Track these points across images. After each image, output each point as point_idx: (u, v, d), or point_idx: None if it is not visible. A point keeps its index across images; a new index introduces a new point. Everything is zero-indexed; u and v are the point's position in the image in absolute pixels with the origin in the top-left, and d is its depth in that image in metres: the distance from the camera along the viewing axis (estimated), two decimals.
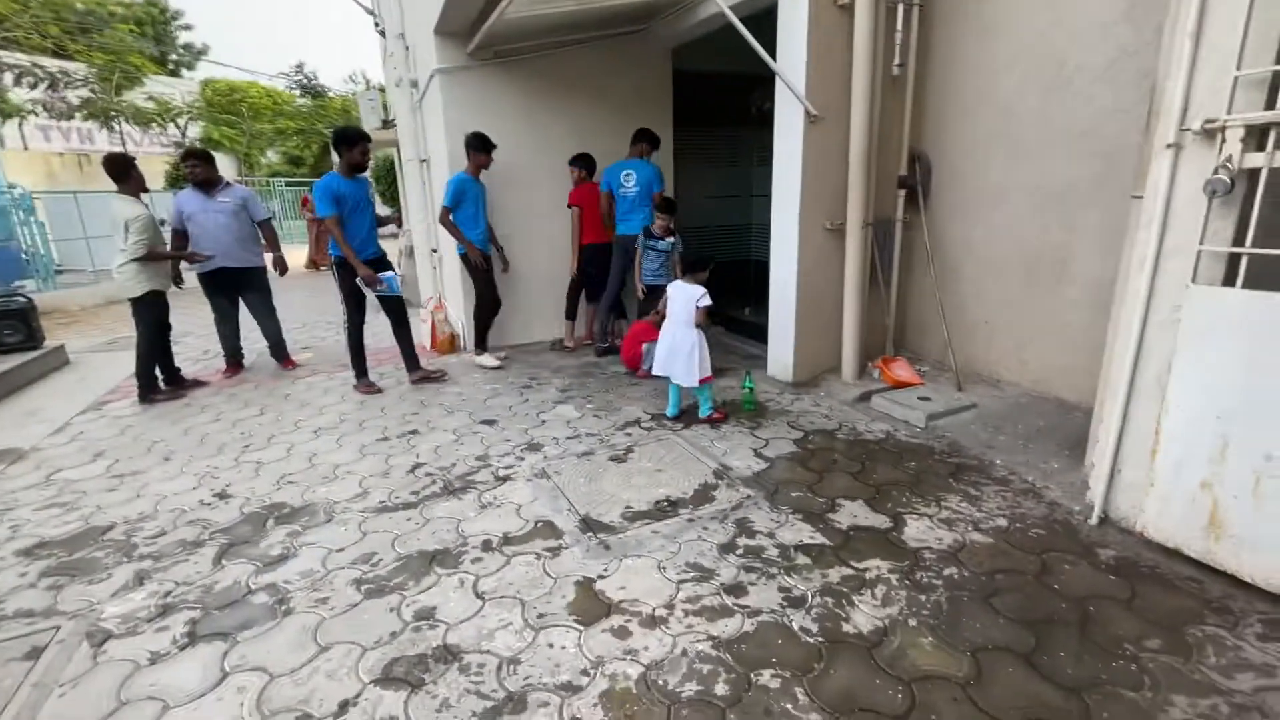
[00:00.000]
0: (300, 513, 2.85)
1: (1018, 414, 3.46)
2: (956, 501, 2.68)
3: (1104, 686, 1.69)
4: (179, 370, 4.87)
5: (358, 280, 4.32)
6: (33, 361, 5.42)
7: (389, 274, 4.38)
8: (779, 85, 3.79)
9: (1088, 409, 3.10)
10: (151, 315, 4.44)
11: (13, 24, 15.77)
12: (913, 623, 1.96)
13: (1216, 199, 1.98)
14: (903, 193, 4.15)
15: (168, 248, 4.64)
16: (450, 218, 4.76)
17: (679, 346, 3.56)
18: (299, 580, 2.33)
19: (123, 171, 4.31)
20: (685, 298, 3.57)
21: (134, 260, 4.28)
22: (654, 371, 3.67)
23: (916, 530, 2.47)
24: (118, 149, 18.88)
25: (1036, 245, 3.58)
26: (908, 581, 2.16)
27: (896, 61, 3.86)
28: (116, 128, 18.78)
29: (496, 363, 5.04)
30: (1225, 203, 1.99)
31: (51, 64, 17.16)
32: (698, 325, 3.55)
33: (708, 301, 3.53)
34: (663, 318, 3.76)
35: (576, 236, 5.30)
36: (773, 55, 3.75)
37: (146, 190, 4.54)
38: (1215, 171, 1.96)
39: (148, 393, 4.52)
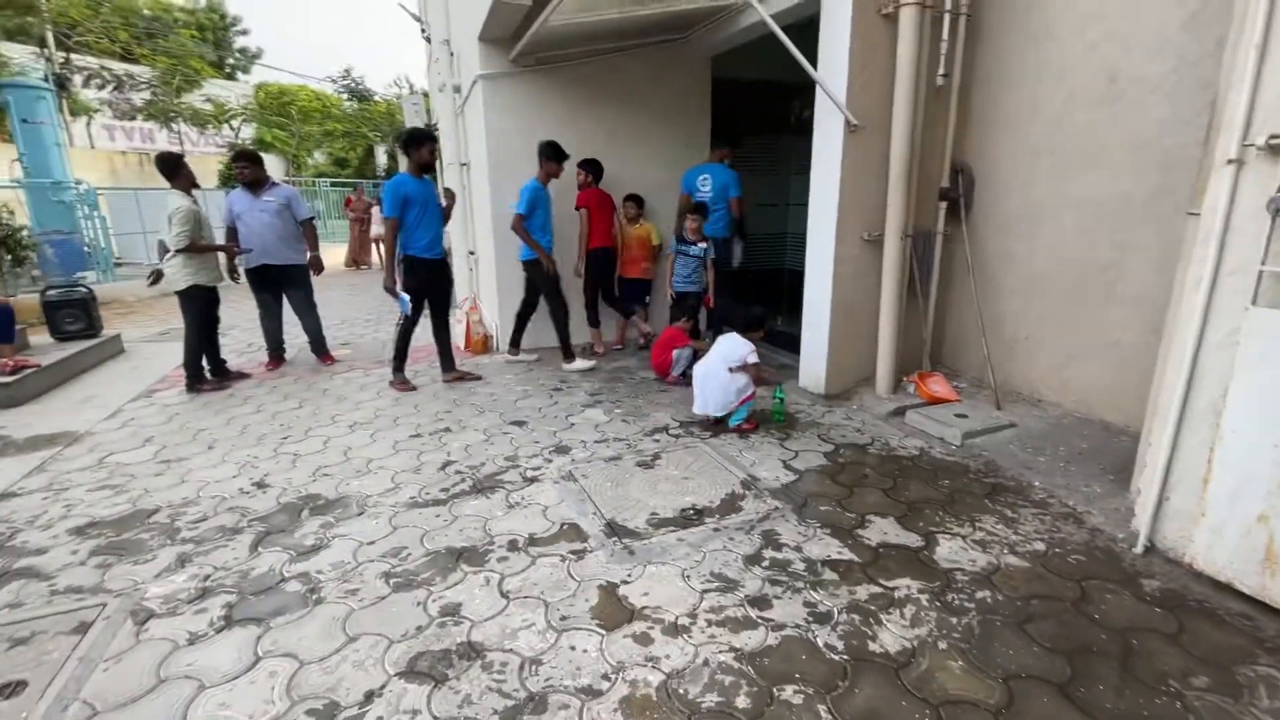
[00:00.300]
0: (334, 505, 2.92)
1: (1059, 435, 3.35)
2: (992, 523, 2.60)
3: None
4: (225, 362, 5.05)
5: (389, 287, 4.45)
6: (91, 349, 5.68)
7: (403, 297, 4.49)
8: (819, 94, 3.76)
9: (1134, 433, 2.99)
10: (195, 308, 4.62)
11: (85, 28, 16.65)
12: (943, 645, 1.91)
13: None
14: (944, 205, 4.07)
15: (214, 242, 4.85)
16: (524, 224, 4.78)
17: (716, 393, 3.58)
18: (330, 571, 2.39)
19: (172, 169, 4.54)
20: (731, 349, 3.59)
21: (179, 253, 4.48)
22: (695, 409, 3.69)
23: (949, 550, 2.41)
24: (175, 148, 19.79)
25: (1084, 261, 3.46)
26: (938, 603, 2.11)
27: (941, 71, 3.79)
28: (176, 128, 19.64)
29: (591, 364, 5.09)
30: None
31: (118, 67, 18.07)
32: (751, 379, 3.61)
33: (755, 359, 3.58)
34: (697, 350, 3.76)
35: (584, 239, 5.33)
36: (814, 64, 3.72)
37: (196, 186, 4.74)
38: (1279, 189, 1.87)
39: (195, 383, 4.71)
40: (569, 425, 3.84)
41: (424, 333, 4.86)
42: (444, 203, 4.70)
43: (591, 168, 5.24)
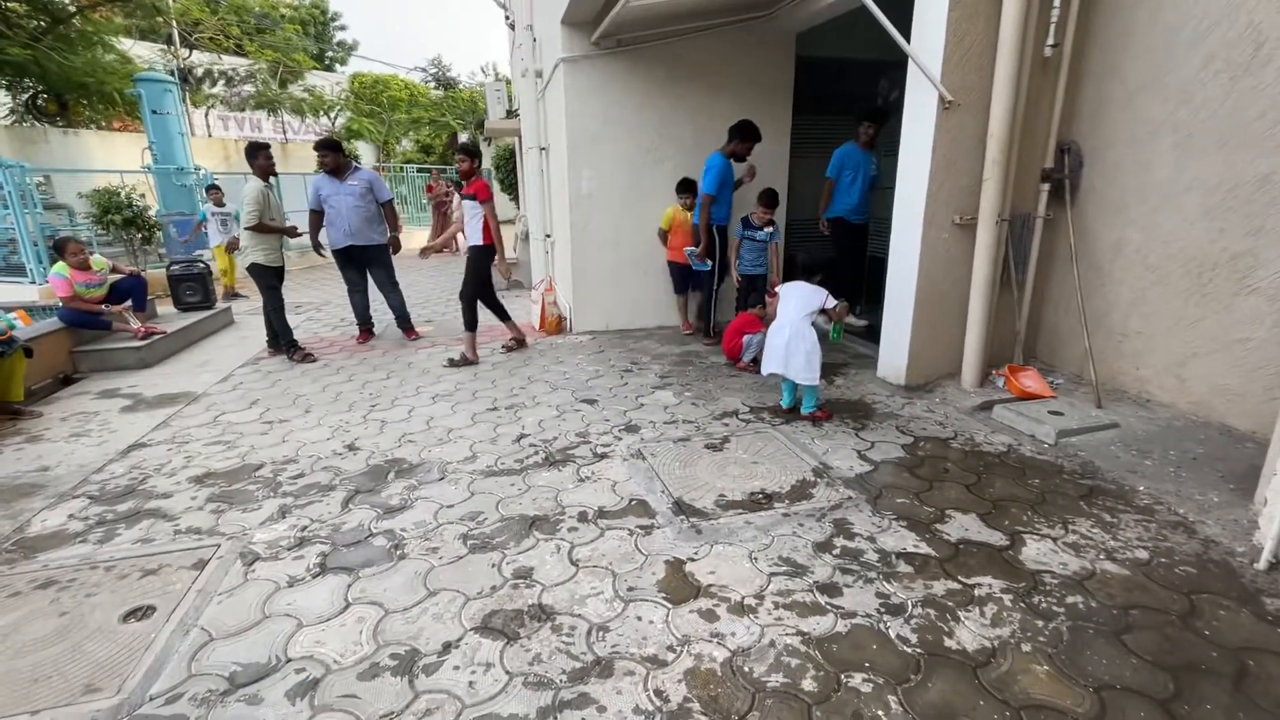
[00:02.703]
0: (417, 469, 3.09)
1: (1170, 438, 3.07)
2: (1087, 526, 2.42)
3: None
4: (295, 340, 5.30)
5: None
6: (207, 319, 6.25)
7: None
8: (911, 69, 3.56)
9: (1262, 439, 2.71)
10: (262, 283, 5.06)
11: (205, 25, 18.10)
12: (1026, 648, 1.81)
13: None
14: (1046, 187, 3.78)
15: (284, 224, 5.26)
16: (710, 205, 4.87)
17: (797, 345, 3.42)
18: (413, 529, 2.53)
19: (251, 156, 4.95)
20: (804, 297, 3.48)
21: (247, 229, 4.91)
22: (767, 370, 3.59)
23: (1037, 552, 2.27)
24: (277, 136, 21.23)
25: (1210, 250, 3.14)
26: (1023, 604, 1.99)
27: (1050, 41, 3.50)
28: (280, 117, 21.09)
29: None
30: None
31: (229, 62, 19.55)
32: (835, 321, 3.60)
33: (834, 303, 3.49)
34: (769, 316, 3.69)
35: (496, 231, 4.83)
36: (906, 37, 3.53)
37: (274, 174, 5.11)
38: None
39: (282, 348, 5.14)
40: (638, 405, 3.88)
41: (510, 310, 5.08)
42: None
43: (468, 151, 4.78)
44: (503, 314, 5.18)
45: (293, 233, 5.27)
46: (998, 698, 1.64)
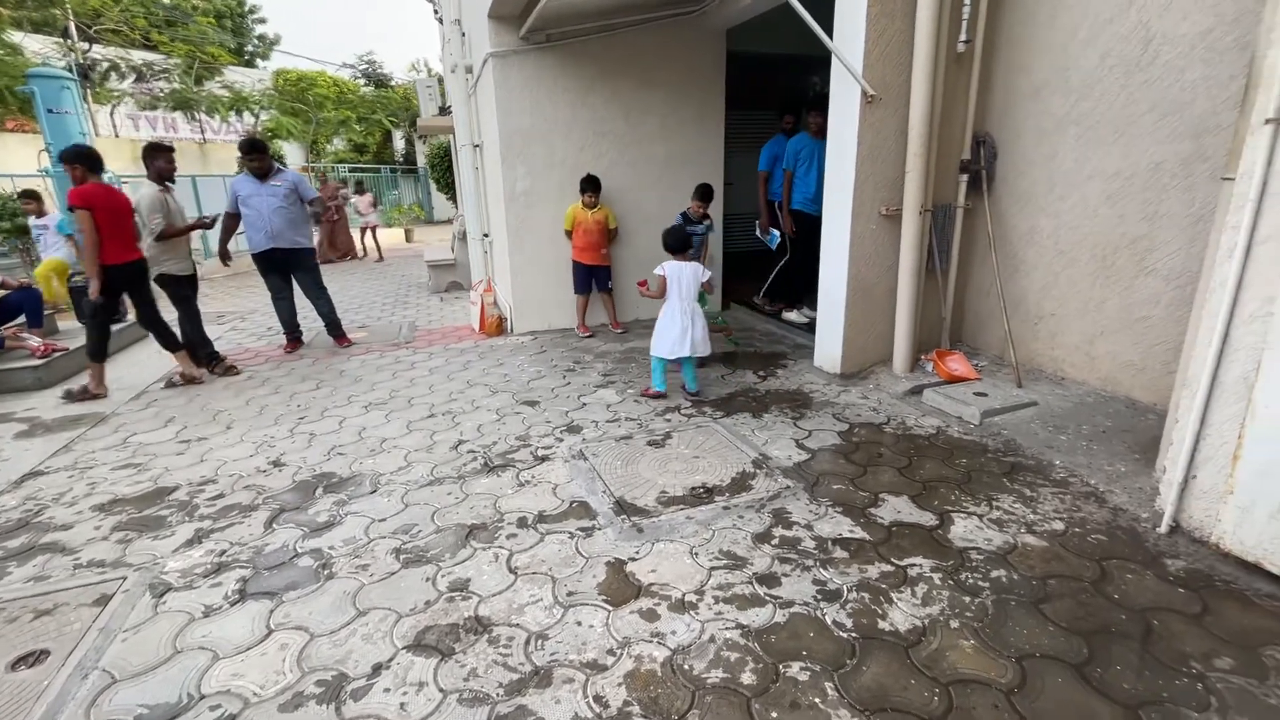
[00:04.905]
0: (347, 483, 2.95)
1: (1083, 414, 3.25)
2: (1009, 502, 2.54)
3: (1164, 705, 1.57)
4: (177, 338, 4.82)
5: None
6: (116, 333, 5.80)
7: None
8: (835, 64, 3.64)
9: (1161, 411, 2.90)
10: (175, 294, 4.68)
11: (107, 18, 16.84)
12: (954, 624, 1.87)
13: None
14: (965, 178, 3.94)
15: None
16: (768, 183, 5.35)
17: (696, 321, 3.73)
18: (342, 546, 2.42)
19: (148, 159, 4.54)
20: (695, 275, 3.73)
21: (154, 240, 4.49)
22: (675, 355, 3.73)
23: (964, 529, 2.36)
24: (196, 136, 20.00)
25: (1113, 234, 3.33)
26: (951, 581, 2.06)
27: (962, 38, 3.65)
28: (196, 117, 19.86)
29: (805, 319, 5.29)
30: None
31: (138, 56, 18.27)
32: (708, 294, 3.91)
33: (709, 275, 3.83)
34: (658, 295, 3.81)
35: (93, 249, 4.05)
36: (830, 34, 3.60)
37: (173, 179, 4.66)
38: None
39: (202, 361, 4.78)
40: (581, 405, 3.83)
41: (448, 313, 4.88)
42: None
43: (85, 159, 4.11)
44: (171, 342, 4.60)
45: (203, 224, 4.92)
46: (928, 675, 1.69)
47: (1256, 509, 1.98)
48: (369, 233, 12.22)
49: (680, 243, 3.79)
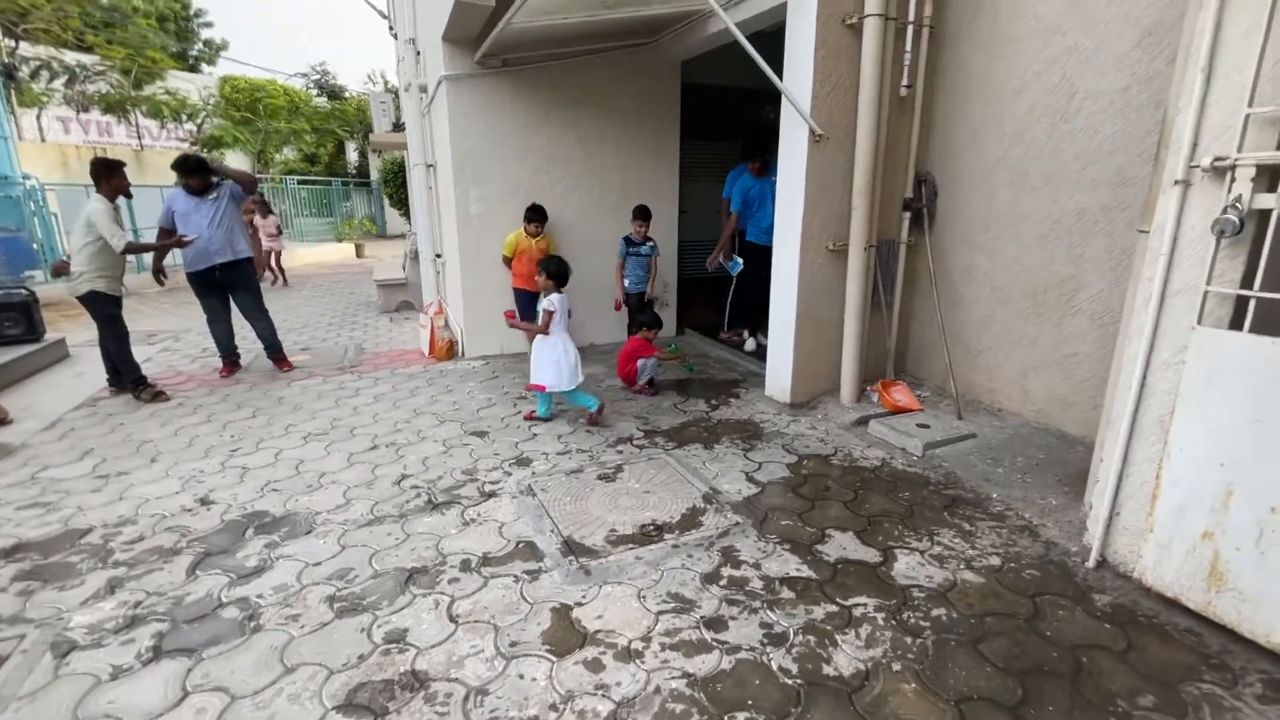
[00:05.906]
0: (280, 523, 2.80)
1: (1018, 445, 3.39)
2: (950, 536, 2.60)
3: None
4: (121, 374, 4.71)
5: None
6: (32, 354, 5.42)
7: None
8: (784, 104, 3.74)
9: (1090, 443, 3.03)
10: (101, 313, 4.48)
11: (36, 16, 15.98)
12: (896, 667, 1.89)
13: (1225, 239, 1.91)
14: (908, 215, 4.10)
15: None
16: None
17: (572, 349, 3.87)
18: (272, 595, 2.28)
19: (99, 177, 4.34)
20: (565, 306, 3.87)
21: (84, 254, 4.30)
22: (570, 387, 3.84)
23: (907, 566, 2.40)
24: (132, 142, 19.08)
25: (1043, 274, 3.51)
26: (894, 621, 2.09)
27: (904, 82, 3.81)
28: (133, 122, 18.97)
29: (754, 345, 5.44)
30: (1234, 243, 1.92)
31: (70, 57, 17.38)
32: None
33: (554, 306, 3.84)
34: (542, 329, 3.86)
35: None
36: (779, 73, 3.71)
37: (129, 196, 4.58)
38: (1224, 211, 1.89)
39: (129, 386, 4.56)
40: (531, 436, 3.77)
41: (397, 335, 4.73)
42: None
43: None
44: None
45: (182, 243, 4.66)
46: None
47: (1174, 546, 2.08)
48: (273, 256, 11.32)
49: (565, 275, 3.91)
